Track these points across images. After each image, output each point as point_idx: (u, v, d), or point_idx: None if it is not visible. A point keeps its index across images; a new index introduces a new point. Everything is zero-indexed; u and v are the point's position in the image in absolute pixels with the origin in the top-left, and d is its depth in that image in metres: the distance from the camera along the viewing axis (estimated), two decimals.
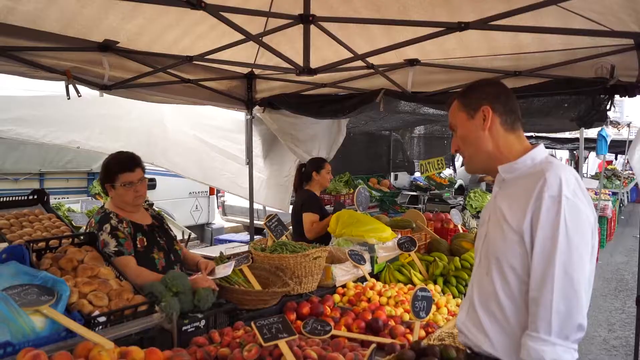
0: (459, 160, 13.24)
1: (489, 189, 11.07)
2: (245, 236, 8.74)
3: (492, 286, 1.96)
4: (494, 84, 2.11)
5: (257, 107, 5.63)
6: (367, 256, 4.09)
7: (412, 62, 4.27)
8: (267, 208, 8.67)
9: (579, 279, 1.75)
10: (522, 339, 1.82)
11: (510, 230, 1.88)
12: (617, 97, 3.97)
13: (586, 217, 1.79)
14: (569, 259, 1.74)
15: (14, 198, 3.55)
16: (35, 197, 3.64)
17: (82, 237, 2.97)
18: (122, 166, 3.29)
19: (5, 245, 2.71)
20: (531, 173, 1.92)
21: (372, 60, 3.97)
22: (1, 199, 3.47)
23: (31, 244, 2.66)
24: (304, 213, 5.03)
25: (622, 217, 16.48)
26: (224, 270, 3.26)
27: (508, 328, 1.91)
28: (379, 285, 3.74)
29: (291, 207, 6.42)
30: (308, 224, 4.95)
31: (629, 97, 3.85)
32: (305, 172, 5.36)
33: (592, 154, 18.42)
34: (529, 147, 2.02)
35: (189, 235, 6.87)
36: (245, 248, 4.39)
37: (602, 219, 10.96)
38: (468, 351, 2.12)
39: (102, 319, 2.33)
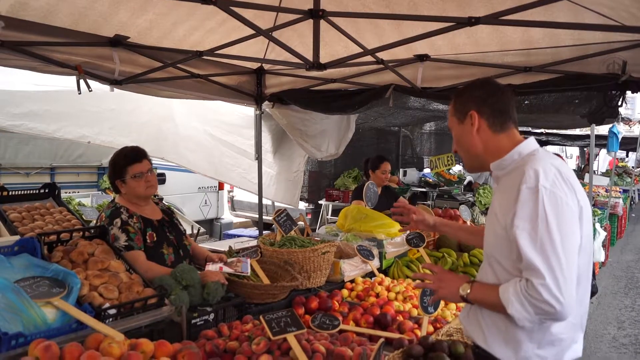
0: None
1: None
2: (254, 231, 8.76)
3: (487, 282, 2.00)
4: (483, 86, 2.11)
5: (266, 102, 5.63)
6: (375, 252, 4.09)
7: (422, 58, 4.26)
8: (276, 203, 8.70)
9: (568, 267, 1.73)
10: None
11: (499, 226, 1.91)
12: (628, 93, 3.94)
13: (567, 206, 1.78)
14: (553, 249, 1.72)
15: (25, 192, 3.57)
16: (47, 190, 3.67)
17: (92, 231, 2.99)
18: (129, 159, 3.32)
19: (17, 238, 2.73)
20: (517, 167, 1.93)
21: (382, 55, 3.96)
22: (13, 193, 3.50)
23: (43, 237, 2.67)
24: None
25: (633, 215, 16.35)
26: (240, 264, 3.24)
27: (500, 323, 1.93)
28: (387, 280, 3.74)
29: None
30: None
31: None
32: (365, 169, 5.98)
33: (603, 151, 18.29)
34: (517, 142, 2.02)
35: (198, 230, 6.90)
36: (254, 243, 4.41)
37: (612, 217, 10.87)
38: (469, 343, 2.15)
39: (113, 311, 2.34)
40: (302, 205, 10.11)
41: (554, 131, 12.70)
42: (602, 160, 21.70)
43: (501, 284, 1.89)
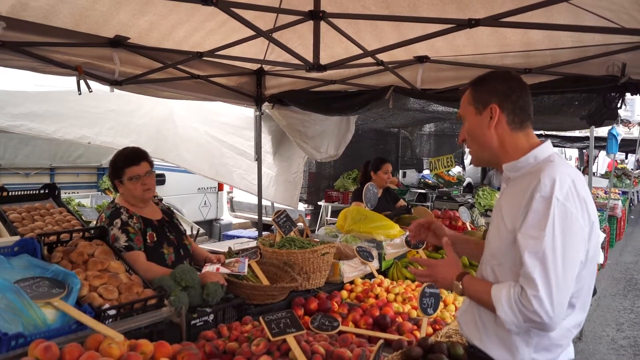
0: (467, 158, 13.19)
1: (499, 187, 11.02)
2: (253, 232, 8.76)
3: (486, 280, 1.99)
4: (508, 80, 2.04)
5: (266, 103, 5.64)
6: (375, 253, 4.10)
7: (422, 59, 4.26)
8: (275, 204, 8.70)
9: (564, 283, 1.72)
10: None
11: (505, 229, 1.87)
12: (628, 95, 3.94)
13: (576, 221, 1.75)
14: (554, 263, 1.71)
15: (25, 192, 3.57)
16: (47, 191, 3.67)
17: (92, 231, 2.99)
18: (127, 161, 3.32)
19: (17, 238, 2.73)
20: (531, 172, 1.88)
21: (382, 57, 3.96)
22: (13, 193, 3.50)
23: (42, 238, 2.67)
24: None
25: (632, 217, 16.35)
26: (237, 265, 3.25)
27: (498, 328, 1.91)
28: (386, 282, 3.74)
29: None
30: None
31: None
32: (366, 171, 5.94)
33: (602, 153, 18.29)
34: (535, 144, 1.97)
35: (198, 231, 6.90)
36: (254, 244, 4.41)
37: (611, 219, 10.86)
38: (466, 343, 2.14)
39: (112, 312, 2.34)
40: (302, 206, 10.11)
41: (554, 133, 12.70)
42: (602, 162, 21.70)
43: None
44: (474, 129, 2.04)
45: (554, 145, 15.50)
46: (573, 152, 22.76)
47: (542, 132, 11.70)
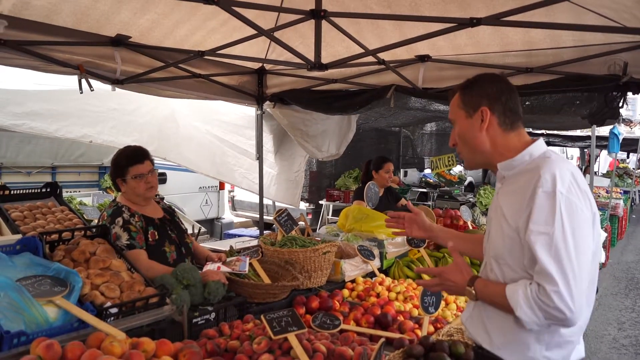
0: None
1: None
2: (254, 231, 8.76)
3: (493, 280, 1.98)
4: (496, 82, 2.04)
5: (267, 102, 5.64)
6: (376, 252, 4.10)
7: (423, 58, 4.26)
8: (277, 203, 8.71)
9: (580, 275, 1.72)
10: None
11: (509, 228, 1.87)
12: (629, 94, 3.94)
13: (581, 212, 1.76)
14: (568, 257, 1.71)
15: (27, 191, 3.58)
16: (48, 190, 3.68)
17: (94, 230, 2.99)
18: (131, 159, 3.32)
19: (19, 236, 2.74)
20: (528, 169, 1.89)
21: (383, 56, 3.96)
22: (15, 192, 3.51)
23: (44, 236, 2.68)
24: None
25: (634, 216, 16.35)
26: (239, 264, 3.25)
27: (506, 326, 1.91)
28: (388, 280, 3.74)
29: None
30: None
31: None
32: (367, 170, 5.98)
33: (604, 152, 18.28)
34: (527, 142, 1.99)
35: (199, 230, 6.90)
36: (255, 242, 4.41)
37: (613, 218, 10.85)
38: (468, 342, 2.14)
39: (114, 310, 2.35)
40: (303, 205, 10.12)
41: (555, 132, 12.70)
42: (603, 161, 21.69)
43: (507, 283, 1.88)
44: (465, 132, 2.05)
45: (556, 145, 15.55)
46: (574, 152, 22.72)
47: (543, 131, 11.71)
